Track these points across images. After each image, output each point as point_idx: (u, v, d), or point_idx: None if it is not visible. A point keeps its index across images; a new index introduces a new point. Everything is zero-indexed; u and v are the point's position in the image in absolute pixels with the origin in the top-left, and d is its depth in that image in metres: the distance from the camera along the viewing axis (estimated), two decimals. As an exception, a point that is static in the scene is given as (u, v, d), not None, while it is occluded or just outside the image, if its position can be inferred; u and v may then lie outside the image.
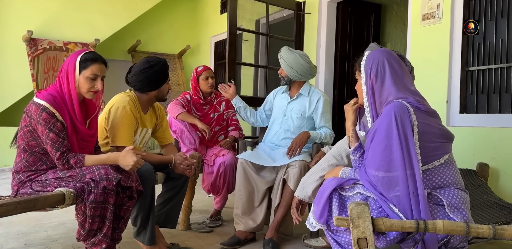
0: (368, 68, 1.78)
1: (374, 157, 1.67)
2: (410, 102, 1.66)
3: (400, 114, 1.60)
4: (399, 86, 1.72)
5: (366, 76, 1.79)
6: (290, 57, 2.81)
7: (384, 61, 1.76)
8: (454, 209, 1.64)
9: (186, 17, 7.25)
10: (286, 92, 2.97)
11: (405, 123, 1.60)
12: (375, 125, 1.70)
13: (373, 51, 1.83)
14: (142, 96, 2.48)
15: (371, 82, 1.76)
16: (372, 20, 5.08)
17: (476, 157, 2.92)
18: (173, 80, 6.84)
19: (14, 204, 1.67)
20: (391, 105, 1.65)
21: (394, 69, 1.75)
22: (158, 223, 2.43)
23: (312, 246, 2.56)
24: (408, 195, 1.57)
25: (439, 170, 1.70)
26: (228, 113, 3.24)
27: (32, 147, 1.99)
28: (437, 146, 1.67)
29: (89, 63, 2.01)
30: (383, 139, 1.62)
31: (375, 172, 1.66)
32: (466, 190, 1.77)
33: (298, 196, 2.24)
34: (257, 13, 5.77)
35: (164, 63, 2.47)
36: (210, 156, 3.00)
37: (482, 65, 3.15)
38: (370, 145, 1.70)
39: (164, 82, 2.49)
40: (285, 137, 2.86)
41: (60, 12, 5.84)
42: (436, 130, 1.68)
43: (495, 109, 3.07)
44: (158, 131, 2.66)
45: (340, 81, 4.76)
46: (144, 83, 2.43)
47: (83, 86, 2.01)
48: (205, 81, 3.11)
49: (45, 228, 2.85)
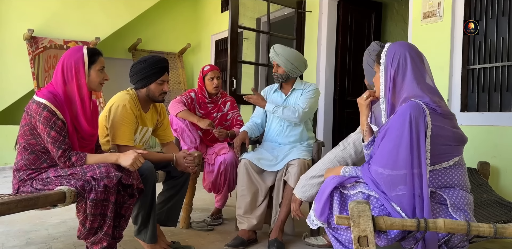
0: (389, 61, 1.73)
1: (382, 154, 1.67)
2: (427, 103, 1.63)
3: (415, 116, 1.58)
4: (419, 82, 1.68)
5: (386, 69, 1.74)
6: (290, 53, 2.80)
7: (406, 54, 1.72)
8: (457, 209, 1.63)
9: (187, 16, 7.25)
10: (278, 91, 2.95)
11: (419, 125, 1.58)
12: (388, 123, 1.68)
13: (394, 44, 1.78)
14: (138, 94, 2.47)
15: (391, 75, 1.72)
16: (373, 19, 5.07)
17: (477, 155, 2.91)
18: (174, 79, 6.84)
19: (15, 203, 1.67)
20: (407, 105, 1.62)
21: (415, 63, 1.71)
22: (159, 221, 2.43)
23: (313, 245, 2.56)
24: (412, 195, 1.57)
25: (446, 171, 1.69)
26: (233, 114, 3.21)
27: (32, 146, 1.99)
28: (448, 148, 1.66)
29: (97, 57, 2.08)
30: (394, 138, 1.61)
31: (381, 169, 1.65)
32: (471, 193, 1.76)
33: (301, 198, 2.24)
34: (258, 11, 5.77)
35: (153, 61, 2.39)
36: (210, 154, 3.00)
37: (483, 63, 3.14)
38: (381, 142, 1.69)
39: (151, 81, 2.39)
40: (289, 132, 2.85)
41: (61, 11, 5.84)
42: (450, 133, 1.66)
43: (496, 108, 3.06)
44: (159, 129, 2.66)
45: (341, 79, 4.75)
46: (133, 80, 2.43)
47: (95, 79, 2.08)
48: (211, 82, 3.08)
49: (46, 227, 2.86)
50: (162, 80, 2.43)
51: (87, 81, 2.04)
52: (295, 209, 2.31)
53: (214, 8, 6.78)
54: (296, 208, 2.30)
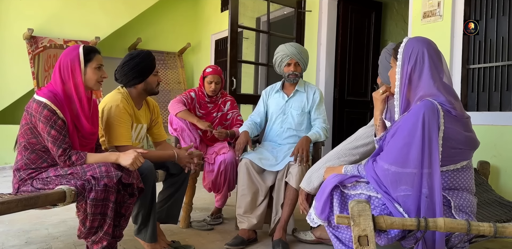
0: (407, 57, 1.69)
1: (391, 152, 1.64)
2: (442, 103, 1.59)
3: (429, 116, 1.55)
4: (436, 80, 1.65)
5: (403, 65, 1.69)
6: (305, 50, 2.84)
7: (424, 51, 1.68)
8: (460, 211, 1.62)
9: (187, 15, 7.25)
10: (280, 91, 2.94)
11: (432, 126, 1.54)
12: (400, 120, 1.65)
13: (412, 39, 1.73)
14: (132, 91, 2.46)
15: (408, 72, 1.68)
16: (373, 18, 5.07)
17: (477, 154, 2.88)
18: (174, 79, 6.84)
19: (15, 202, 1.67)
20: (422, 104, 1.59)
21: (433, 61, 1.67)
22: (160, 219, 2.43)
23: (301, 240, 2.58)
24: (418, 196, 1.54)
25: (453, 173, 1.67)
26: (233, 114, 3.21)
27: (33, 145, 1.99)
28: (458, 152, 1.63)
29: (93, 55, 2.07)
30: (405, 136, 1.58)
31: (388, 165, 1.62)
32: (475, 196, 1.75)
33: (305, 188, 2.23)
34: (258, 11, 5.77)
35: (146, 54, 2.43)
36: (210, 154, 3.00)
37: (483, 63, 3.14)
38: (391, 139, 1.66)
39: (148, 73, 2.43)
40: (288, 135, 2.86)
41: (61, 10, 5.84)
42: (462, 137, 1.63)
43: (496, 107, 3.06)
44: (153, 127, 2.66)
45: (340, 79, 4.75)
46: (129, 77, 2.41)
47: (92, 78, 2.06)
48: (209, 85, 3.08)
49: (46, 226, 2.86)
50: (156, 71, 2.50)
51: (84, 80, 2.04)
52: (301, 201, 2.29)
53: (214, 7, 6.77)
54: (302, 200, 2.27)
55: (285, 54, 2.80)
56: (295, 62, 2.81)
